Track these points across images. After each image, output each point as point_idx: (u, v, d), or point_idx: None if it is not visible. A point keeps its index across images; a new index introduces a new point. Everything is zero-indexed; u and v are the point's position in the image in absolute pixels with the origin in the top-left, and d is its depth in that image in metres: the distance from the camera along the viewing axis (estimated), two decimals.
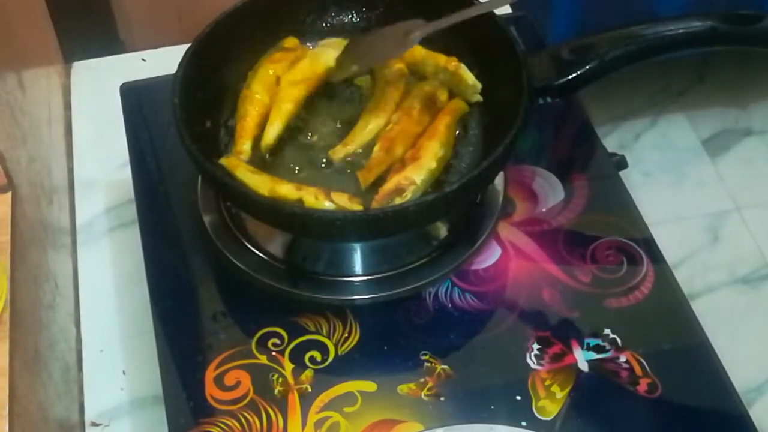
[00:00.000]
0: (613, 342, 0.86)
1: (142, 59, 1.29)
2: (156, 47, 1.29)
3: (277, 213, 0.82)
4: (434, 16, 0.89)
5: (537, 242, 0.95)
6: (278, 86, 0.94)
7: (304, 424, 0.82)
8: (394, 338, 0.88)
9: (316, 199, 0.82)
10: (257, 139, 0.91)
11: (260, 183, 0.84)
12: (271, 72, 0.95)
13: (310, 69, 0.95)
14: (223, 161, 0.87)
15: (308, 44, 1.00)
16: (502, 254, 0.94)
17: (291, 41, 0.99)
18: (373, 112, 0.92)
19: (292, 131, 0.93)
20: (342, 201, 0.82)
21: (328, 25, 1.02)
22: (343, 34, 1.00)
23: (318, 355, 0.86)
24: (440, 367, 0.85)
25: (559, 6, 1.60)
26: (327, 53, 0.96)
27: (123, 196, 1.09)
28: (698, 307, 0.89)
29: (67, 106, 1.23)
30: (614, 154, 1.05)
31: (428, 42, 0.95)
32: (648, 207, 1.00)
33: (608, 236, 0.95)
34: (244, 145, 0.90)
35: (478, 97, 0.94)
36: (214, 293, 0.93)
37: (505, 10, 1.24)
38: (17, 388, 0.76)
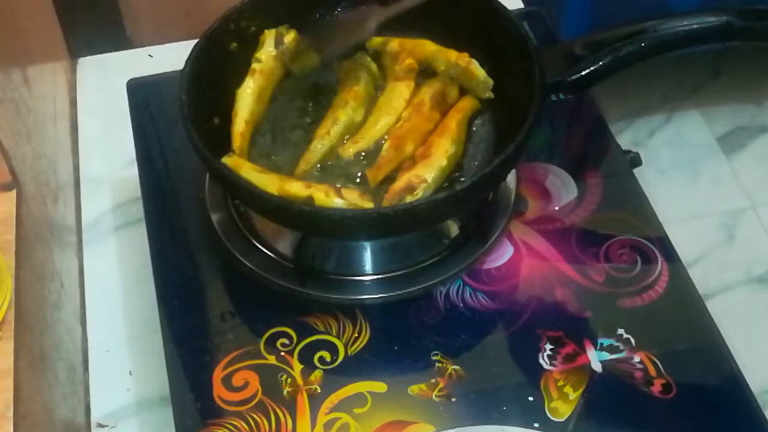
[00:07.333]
0: (626, 342, 0.86)
1: (149, 55, 1.29)
2: (163, 43, 1.29)
3: (286, 211, 0.81)
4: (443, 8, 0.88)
5: (550, 241, 0.94)
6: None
7: (313, 425, 0.81)
8: (404, 338, 0.87)
9: (326, 196, 0.81)
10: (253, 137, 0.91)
11: (269, 181, 0.83)
12: None
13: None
14: (226, 160, 0.85)
15: None
16: (514, 253, 0.93)
17: (289, 34, 0.96)
18: (383, 108, 0.91)
19: (299, 129, 0.92)
20: (353, 197, 0.81)
21: None
22: None
23: (327, 356, 0.86)
24: (451, 367, 0.85)
25: (572, 1, 1.59)
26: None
27: (129, 194, 1.09)
28: (713, 307, 0.89)
29: (73, 103, 1.23)
30: (628, 152, 1.04)
31: (438, 37, 0.94)
32: (662, 205, 0.99)
33: (622, 235, 0.94)
34: (238, 143, 0.89)
35: (490, 94, 0.93)
36: (221, 292, 0.92)
37: (517, 5, 1.23)
38: (22, 389, 0.76)
